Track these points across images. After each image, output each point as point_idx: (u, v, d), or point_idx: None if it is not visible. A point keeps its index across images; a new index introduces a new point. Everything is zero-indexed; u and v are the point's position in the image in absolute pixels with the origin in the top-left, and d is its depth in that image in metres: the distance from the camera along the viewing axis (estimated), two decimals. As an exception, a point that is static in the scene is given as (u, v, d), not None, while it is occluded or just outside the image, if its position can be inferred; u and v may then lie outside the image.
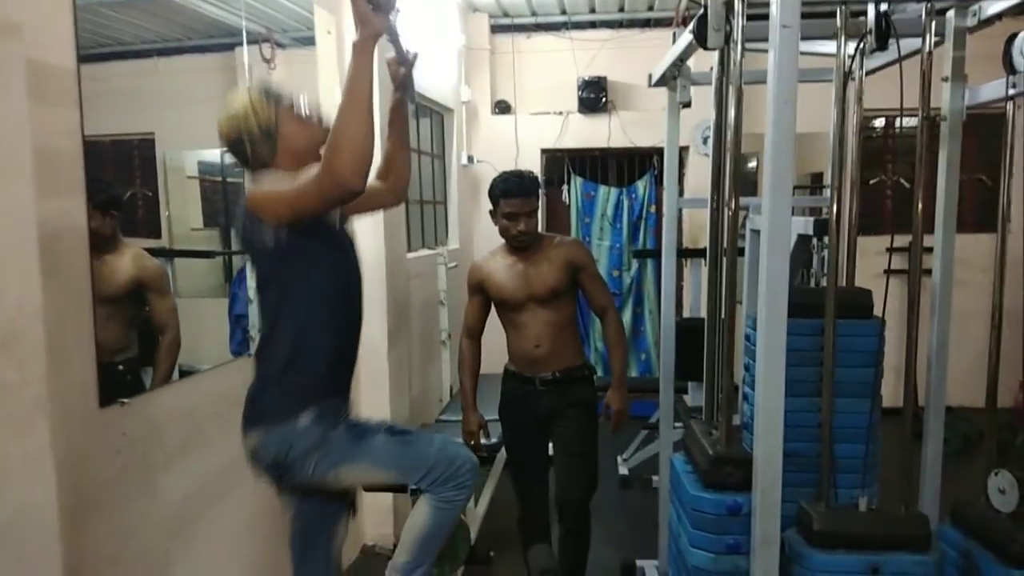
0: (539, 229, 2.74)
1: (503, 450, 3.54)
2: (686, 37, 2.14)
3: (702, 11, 1.84)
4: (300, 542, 1.87)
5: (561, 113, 5.55)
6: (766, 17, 1.55)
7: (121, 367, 1.86)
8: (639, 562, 3.09)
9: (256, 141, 1.71)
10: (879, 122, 5.44)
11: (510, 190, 2.63)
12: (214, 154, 3.66)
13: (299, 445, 1.66)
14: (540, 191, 2.72)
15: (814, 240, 2.41)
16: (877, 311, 2.01)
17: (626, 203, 5.63)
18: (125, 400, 1.79)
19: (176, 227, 3.19)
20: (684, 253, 4.11)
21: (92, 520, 1.69)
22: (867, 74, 2.17)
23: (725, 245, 1.97)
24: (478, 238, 5.67)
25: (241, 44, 3.13)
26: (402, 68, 1.81)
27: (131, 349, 2.06)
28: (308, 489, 1.78)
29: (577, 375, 2.72)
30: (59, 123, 1.59)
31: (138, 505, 1.86)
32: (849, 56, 1.85)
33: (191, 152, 3.36)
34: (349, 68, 1.51)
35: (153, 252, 2.64)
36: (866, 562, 1.70)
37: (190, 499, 2.06)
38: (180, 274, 2.80)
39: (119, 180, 2.74)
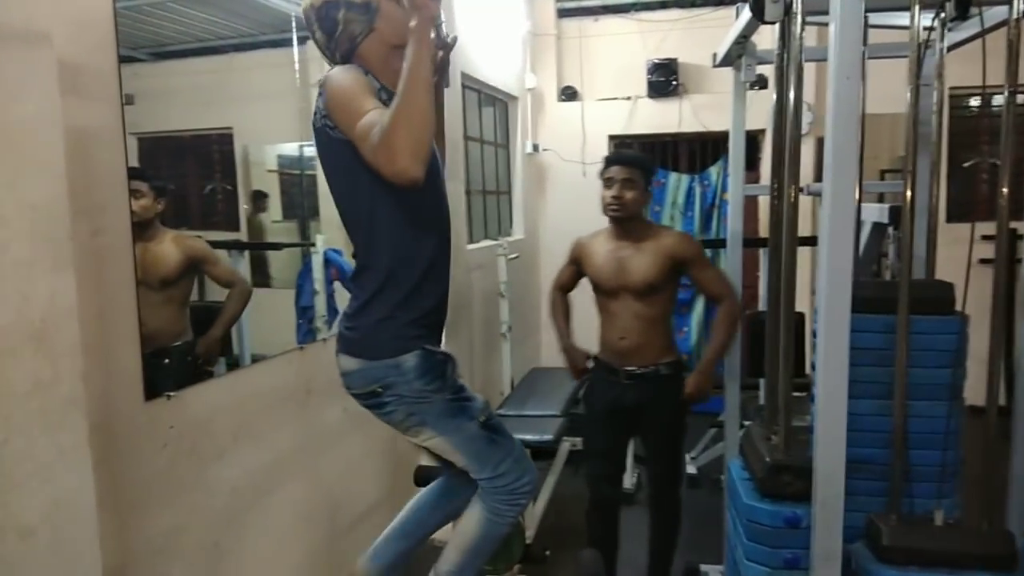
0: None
1: (563, 446, 3.47)
2: (747, 12, 2.01)
3: (761, -17, 1.71)
4: None
5: (629, 98, 5.39)
6: (829, -14, 1.42)
7: (168, 360, 1.87)
8: (704, 567, 2.97)
9: (354, 9, 1.60)
10: (975, 101, 5.06)
11: (610, 159, 2.64)
12: (292, 148, 3.72)
13: (396, 388, 1.59)
14: (646, 172, 2.62)
15: (890, 229, 2.23)
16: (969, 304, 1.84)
17: (698, 190, 5.43)
18: (172, 393, 1.81)
19: (258, 218, 3.26)
20: (752, 243, 3.90)
21: (139, 513, 1.71)
22: (950, 48, 1.99)
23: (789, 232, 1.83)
24: (544, 228, 5.59)
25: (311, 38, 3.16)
26: (440, 52, 1.74)
27: (186, 333, 2.08)
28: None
29: (664, 372, 2.63)
30: (100, 120, 1.61)
31: (187, 498, 1.88)
32: (926, 28, 1.68)
33: (271, 146, 3.42)
34: (409, 53, 1.45)
35: (227, 245, 2.69)
36: (942, 583, 1.55)
37: (240, 492, 2.08)
38: (264, 265, 2.86)
39: (199, 174, 2.81)
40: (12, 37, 1.25)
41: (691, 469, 4.12)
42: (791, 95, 1.67)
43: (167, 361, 1.84)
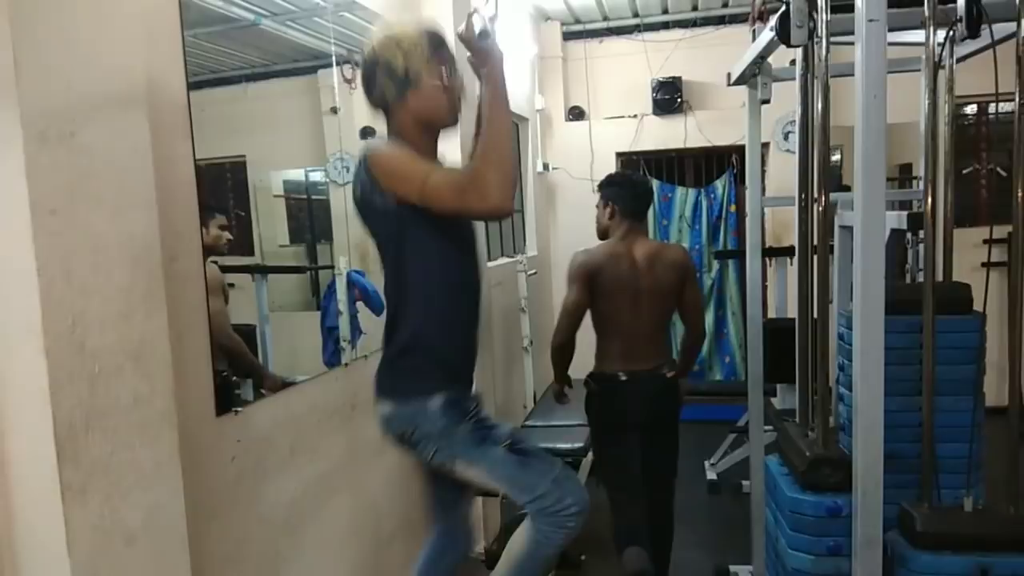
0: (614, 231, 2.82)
1: (589, 454, 3.56)
2: (767, 34, 2.13)
3: (784, 8, 1.83)
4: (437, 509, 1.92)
5: (636, 116, 5.53)
6: (850, 9, 1.54)
7: (235, 378, 1.97)
8: (732, 567, 3.06)
9: (391, 76, 1.66)
10: (971, 109, 5.21)
11: None
12: (298, 173, 3.82)
13: (424, 428, 1.68)
14: (601, 190, 2.87)
15: (908, 235, 2.34)
16: (977, 305, 1.96)
17: (705, 203, 5.56)
18: (239, 409, 1.91)
19: (266, 245, 3.35)
20: (769, 252, 4.03)
21: (212, 523, 1.80)
22: (958, 61, 2.11)
23: (815, 243, 1.95)
24: (555, 245, 5.71)
25: (324, 67, 3.28)
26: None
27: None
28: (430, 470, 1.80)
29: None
30: (174, 152, 1.71)
31: (252, 508, 1.97)
32: (939, 44, 1.80)
33: (276, 172, 3.53)
34: (486, 97, 1.58)
35: (249, 269, 2.79)
36: (974, 564, 1.65)
37: (298, 502, 2.17)
38: (272, 290, 2.93)
39: (215, 202, 2.92)
40: (111, 77, 1.37)
41: (711, 475, 4.21)
42: (817, 112, 1.78)
43: (234, 379, 1.94)
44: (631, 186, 2.82)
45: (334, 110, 3.65)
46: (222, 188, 3.09)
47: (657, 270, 2.68)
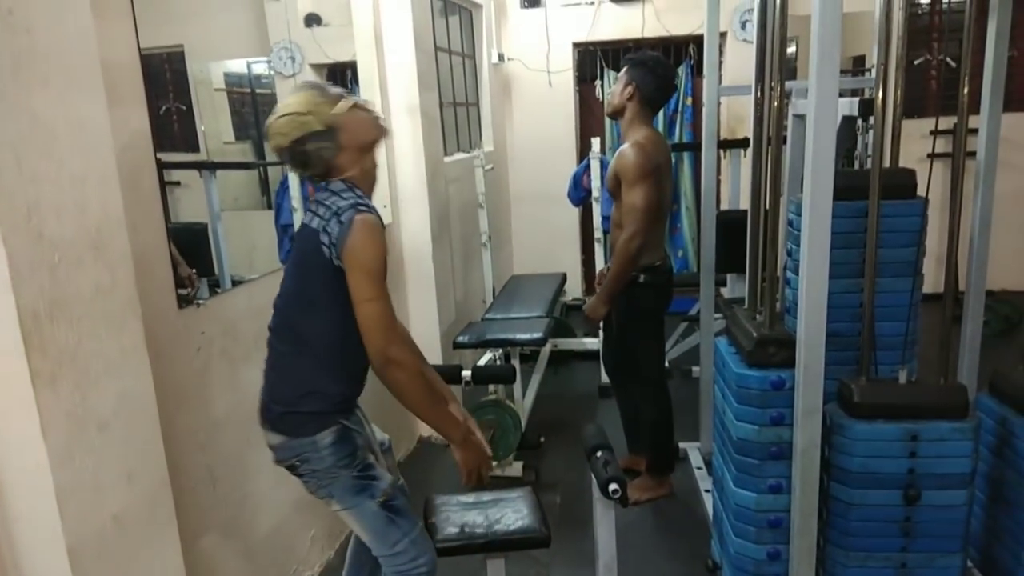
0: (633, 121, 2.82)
1: (547, 346, 3.67)
2: (727, -84, 2.08)
3: None
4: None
5: (593, 3, 5.38)
6: None
7: (194, 270, 1.97)
8: (682, 444, 3.24)
9: (319, 138, 1.65)
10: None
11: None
12: (240, 64, 3.66)
13: (311, 463, 1.73)
14: (632, 67, 2.74)
15: (858, 123, 2.39)
16: (921, 193, 2.03)
17: (661, 97, 5.51)
18: (200, 301, 1.91)
19: (210, 142, 3.25)
20: (723, 144, 4.07)
21: (183, 412, 1.84)
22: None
23: (770, 133, 1.98)
24: (512, 139, 5.64)
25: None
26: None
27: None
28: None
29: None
30: (116, 36, 1.64)
31: (221, 397, 2.01)
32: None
33: (217, 63, 3.37)
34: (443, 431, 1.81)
35: (197, 165, 2.72)
36: (905, 430, 1.78)
37: (263, 393, 2.21)
38: (221, 189, 2.87)
39: (154, 95, 2.81)
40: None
41: (663, 362, 4.38)
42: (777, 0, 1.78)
43: (195, 270, 1.93)
44: (672, 83, 2.85)
45: (277, -7, 3.48)
46: (161, 80, 2.95)
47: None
